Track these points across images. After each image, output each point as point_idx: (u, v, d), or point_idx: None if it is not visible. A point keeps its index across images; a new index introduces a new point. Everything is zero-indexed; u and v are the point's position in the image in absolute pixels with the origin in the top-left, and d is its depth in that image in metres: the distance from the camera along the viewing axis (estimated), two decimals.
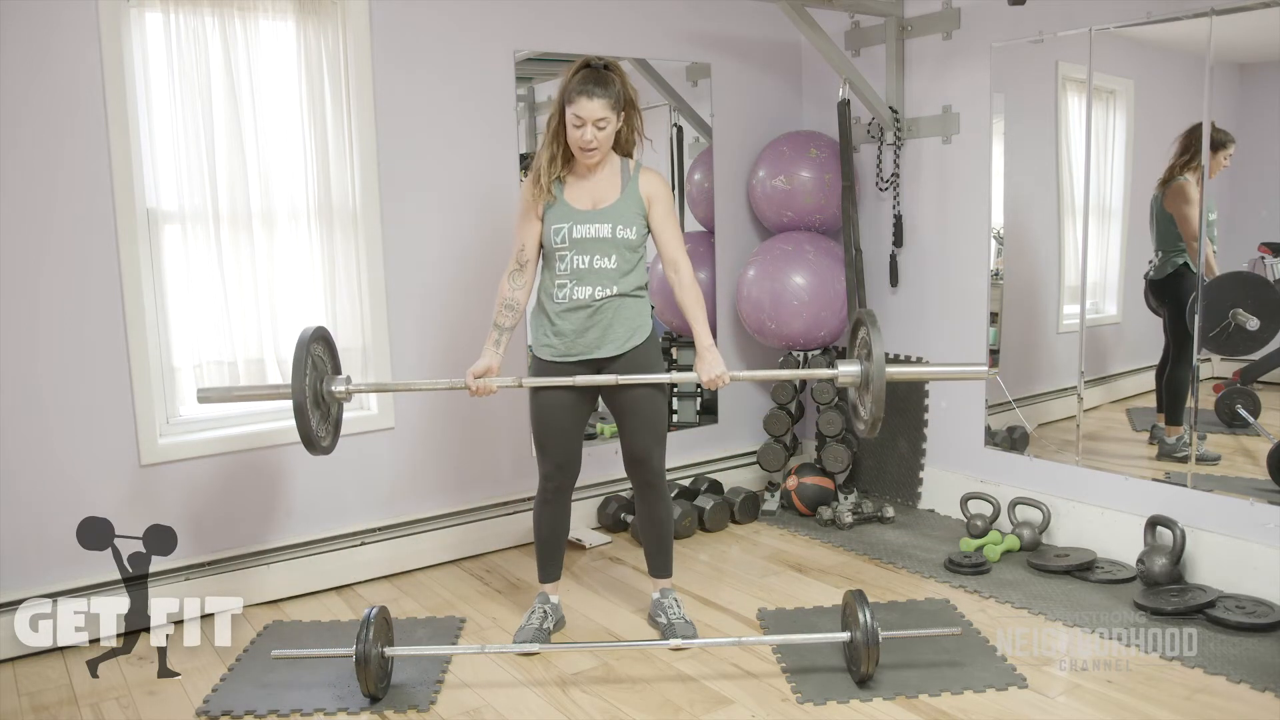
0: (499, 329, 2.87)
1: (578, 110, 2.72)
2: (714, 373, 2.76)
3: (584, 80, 2.73)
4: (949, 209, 3.97)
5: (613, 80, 2.76)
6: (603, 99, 2.72)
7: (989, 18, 3.73)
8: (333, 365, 2.78)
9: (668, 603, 3.06)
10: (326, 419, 2.73)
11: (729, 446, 4.47)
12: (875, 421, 2.68)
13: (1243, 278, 3.28)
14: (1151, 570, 3.20)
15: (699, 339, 2.83)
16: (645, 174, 2.88)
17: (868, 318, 2.68)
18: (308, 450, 2.64)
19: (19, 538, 3.01)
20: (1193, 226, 3.33)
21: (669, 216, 2.88)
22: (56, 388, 3.05)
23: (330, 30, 3.38)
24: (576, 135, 2.75)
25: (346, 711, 2.62)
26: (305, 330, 2.65)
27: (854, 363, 2.74)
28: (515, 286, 2.88)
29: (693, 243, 4.47)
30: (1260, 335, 3.24)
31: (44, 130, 2.97)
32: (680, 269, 2.87)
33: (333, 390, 2.71)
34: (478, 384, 2.78)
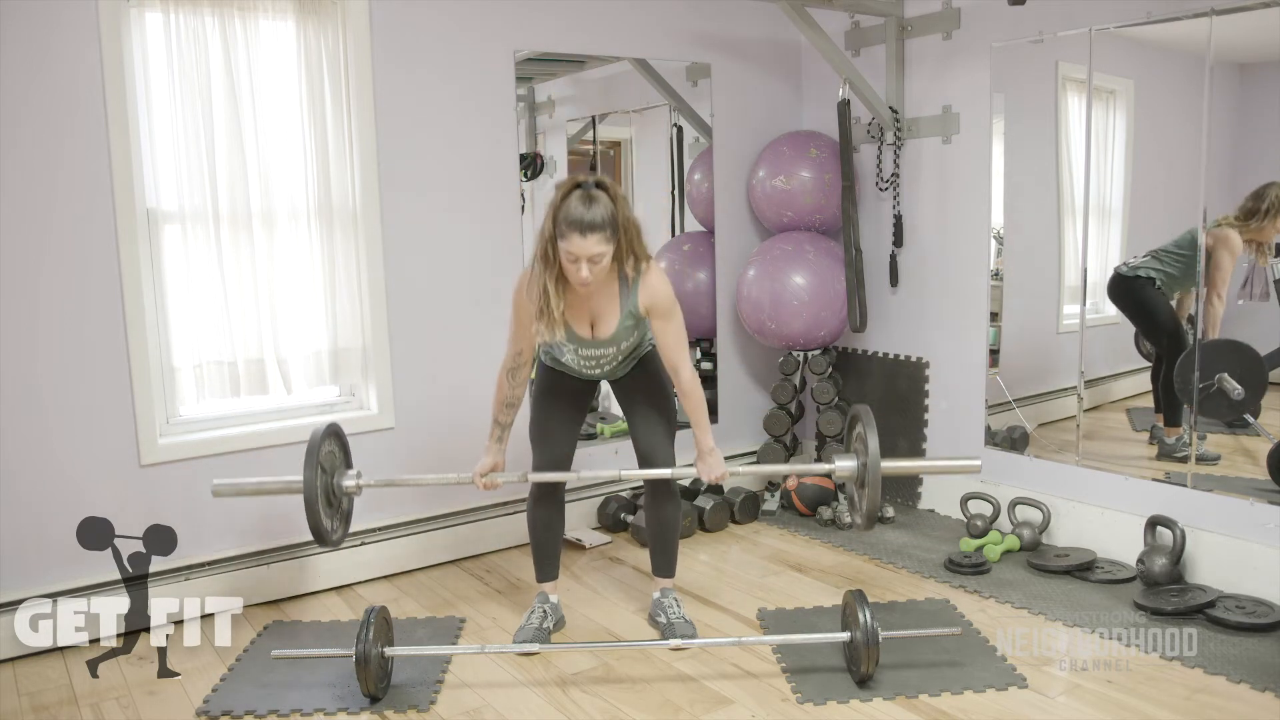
0: (500, 425, 2.92)
1: (570, 247, 2.58)
2: (715, 473, 2.87)
3: (575, 209, 2.57)
4: (949, 209, 3.97)
5: (605, 203, 2.60)
6: (597, 234, 2.57)
7: (989, 18, 3.73)
8: (344, 460, 2.87)
9: (668, 602, 3.06)
10: (337, 513, 2.82)
11: (729, 446, 4.46)
12: (872, 515, 2.78)
13: (1236, 346, 3.30)
14: (1151, 570, 3.20)
15: (700, 442, 2.89)
16: (643, 288, 2.74)
17: (864, 414, 2.78)
18: (318, 543, 2.72)
19: (19, 538, 3.01)
20: (1223, 275, 3.28)
21: (668, 322, 2.79)
22: (56, 388, 3.04)
23: (330, 30, 3.38)
24: (572, 271, 2.62)
25: (346, 711, 2.62)
26: (317, 429, 2.74)
27: (850, 458, 2.86)
28: (515, 384, 2.90)
29: (693, 243, 4.48)
30: (1241, 405, 3.26)
31: (44, 130, 2.96)
32: (680, 373, 2.84)
33: (344, 486, 2.81)
34: (484, 481, 2.87)
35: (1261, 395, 3.26)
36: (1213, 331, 3.32)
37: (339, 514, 2.83)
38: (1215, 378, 3.26)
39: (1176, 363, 3.40)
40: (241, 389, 3.36)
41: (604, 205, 2.60)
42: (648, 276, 2.74)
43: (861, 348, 4.36)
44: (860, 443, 2.80)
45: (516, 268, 3.81)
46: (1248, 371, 3.26)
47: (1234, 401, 3.25)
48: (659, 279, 2.77)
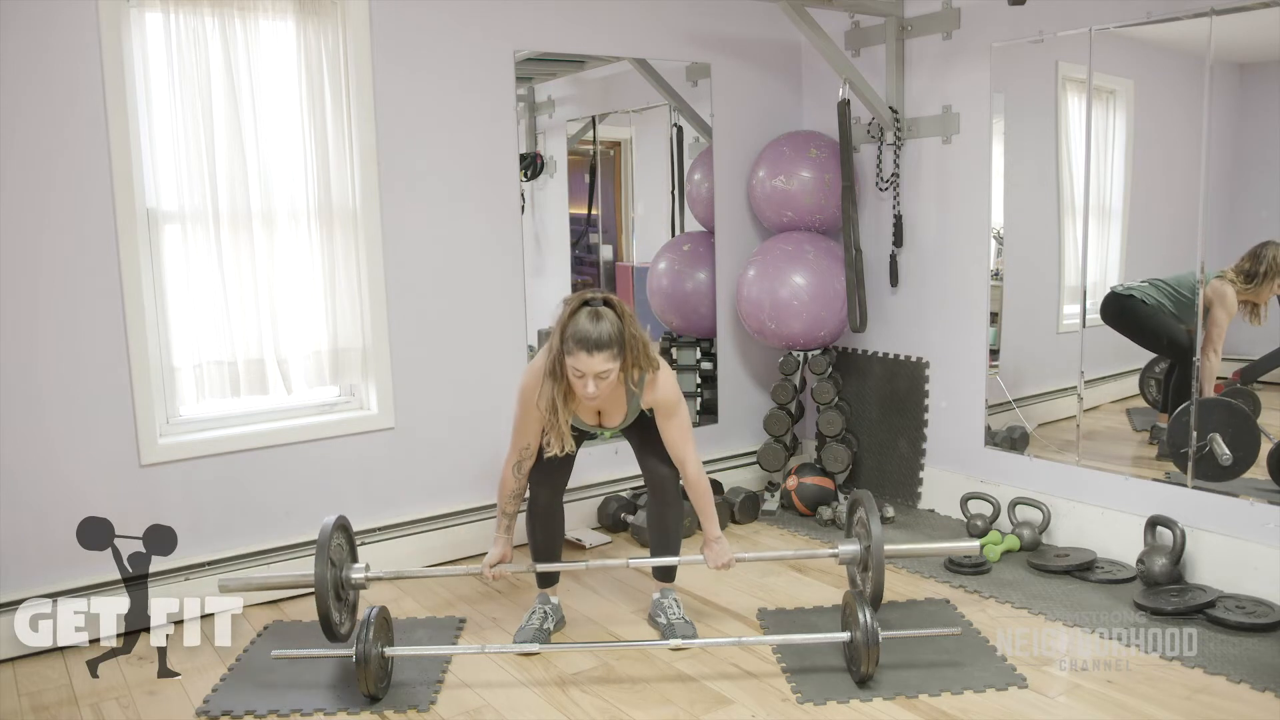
0: (508, 517, 2.98)
1: (578, 364, 2.63)
2: (721, 560, 2.97)
3: (583, 328, 2.62)
4: (949, 209, 3.97)
5: (611, 321, 2.65)
6: (604, 352, 2.62)
7: (989, 18, 3.73)
8: (351, 553, 2.94)
9: (668, 603, 3.06)
10: (344, 605, 2.88)
11: (729, 446, 4.47)
12: (877, 597, 2.92)
13: (1230, 408, 3.30)
14: (1151, 570, 3.20)
15: (708, 531, 3.00)
16: (649, 392, 2.82)
17: (865, 499, 2.95)
18: (326, 637, 2.77)
19: (19, 538, 3.01)
20: (1220, 331, 3.28)
21: (672, 422, 2.86)
22: (56, 388, 3.04)
23: (330, 30, 3.38)
24: (579, 386, 2.68)
25: (346, 711, 2.62)
26: (326, 522, 2.80)
27: (853, 542, 3.03)
28: (520, 477, 2.95)
29: (693, 243, 4.48)
30: (1230, 470, 3.25)
31: (44, 130, 2.96)
32: (687, 465, 2.92)
33: (351, 579, 2.89)
34: (493, 572, 2.94)
35: (1253, 458, 3.24)
36: (1207, 386, 3.32)
37: (346, 606, 2.90)
38: (1207, 438, 3.26)
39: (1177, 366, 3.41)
40: (241, 389, 3.36)
41: (610, 322, 2.64)
42: (653, 383, 2.82)
43: (861, 348, 4.36)
44: (862, 527, 2.95)
45: (517, 267, 3.82)
46: (1239, 433, 3.25)
47: (1222, 467, 3.25)
48: (665, 383, 2.83)
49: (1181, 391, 3.41)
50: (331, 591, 2.75)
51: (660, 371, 2.82)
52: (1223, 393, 3.39)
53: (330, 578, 2.75)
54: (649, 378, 2.80)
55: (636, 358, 2.73)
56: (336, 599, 2.80)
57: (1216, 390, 3.40)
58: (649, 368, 2.78)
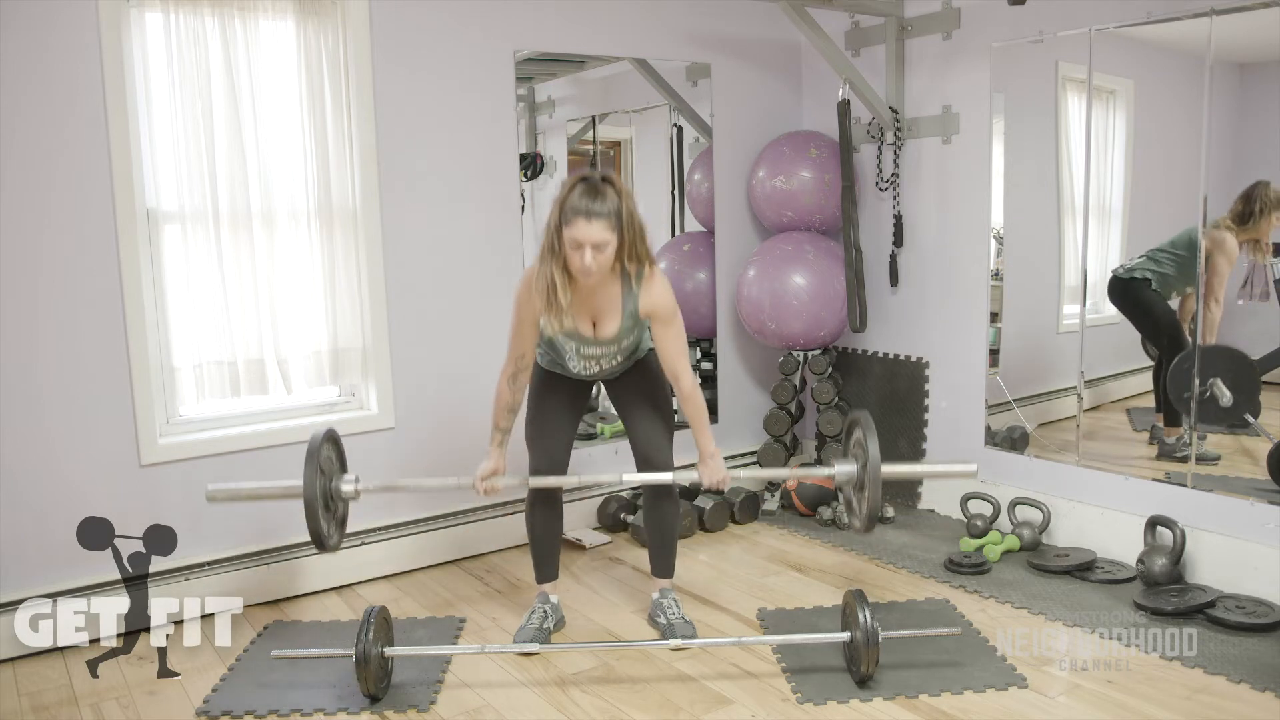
0: (500, 431, 2.92)
1: (575, 234, 2.60)
2: (716, 477, 2.87)
3: (581, 199, 2.61)
4: (949, 209, 3.97)
5: (610, 194, 2.63)
6: (602, 219, 2.60)
7: (989, 18, 3.73)
8: (340, 465, 2.86)
9: (667, 603, 3.06)
10: (334, 518, 2.81)
11: (729, 446, 4.46)
12: (871, 519, 2.79)
13: (1229, 353, 3.30)
14: (1151, 570, 3.20)
15: (702, 447, 2.91)
16: (645, 291, 2.77)
17: (863, 419, 2.80)
18: (317, 549, 2.71)
19: (19, 538, 3.01)
20: (1221, 279, 3.29)
21: (668, 328, 2.81)
22: (56, 388, 3.04)
23: (330, 30, 3.38)
24: (575, 258, 2.63)
25: (346, 711, 2.62)
26: (315, 434, 2.72)
27: (849, 462, 2.87)
28: (515, 389, 2.90)
29: (693, 243, 4.48)
30: (1231, 411, 3.27)
31: (44, 130, 2.96)
32: (681, 379, 2.86)
33: (341, 490, 2.80)
34: (485, 485, 2.87)
35: (1253, 401, 3.26)
36: (1210, 336, 3.33)
37: (336, 519, 2.82)
38: (1208, 382, 3.27)
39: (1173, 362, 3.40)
40: (241, 389, 3.36)
41: (610, 197, 2.64)
42: (650, 281, 2.76)
43: (861, 348, 4.36)
44: (859, 448, 2.82)
45: (516, 267, 3.81)
46: (1239, 377, 3.27)
47: (1223, 409, 3.25)
48: (661, 284, 2.79)
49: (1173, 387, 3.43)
50: (320, 501, 2.67)
51: (656, 273, 2.79)
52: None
53: (320, 488, 2.67)
54: (646, 273, 2.76)
55: (634, 241, 2.69)
56: (325, 509, 2.71)
57: None
58: (645, 259, 2.74)
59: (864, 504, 2.78)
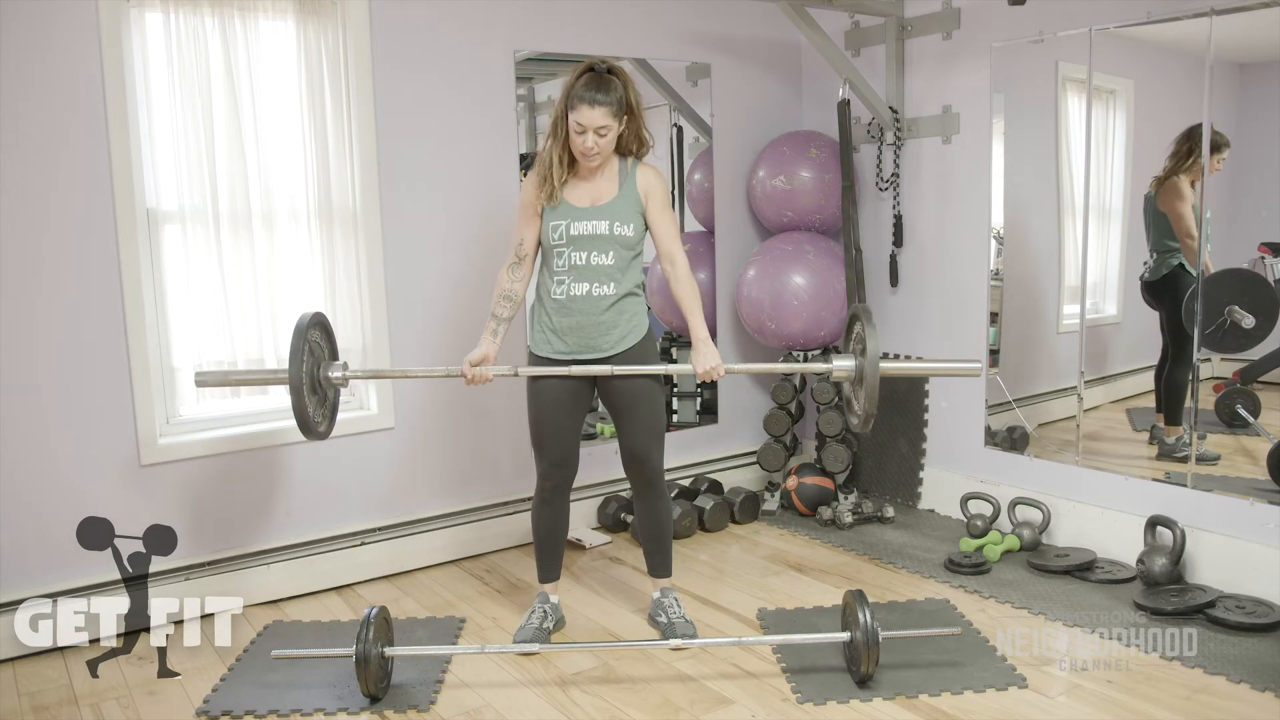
0: (496, 319, 2.89)
1: (579, 118, 2.71)
2: (709, 364, 2.83)
3: (586, 85, 2.72)
4: (949, 209, 3.97)
5: (615, 85, 2.75)
6: (605, 106, 2.71)
7: (989, 18, 3.73)
8: (330, 351, 2.81)
9: (668, 602, 3.06)
10: (323, 404, 2.76)
11: (729, 446, 4.47)
12: (868, 417, 2.72)
13: (1240, 275, 3.28)
14: (1151, 570, 3.20)
15: (694, 331, 2.87)
16: (642, 170, 2.89)
17: (863, 313, 2.72)
18: (304, 434, 2.66)
19: (19, 538, 3.01)
20: (1187, 224, 3.35)
21: (665, 210, 2.90)
22: (56, 388, 3.05)
23: (330, 30, 3.38)
24: (578, 141, 2.75)
25: (346, 711, 2.62)
26: (303, 315, 2.68)
27: (848, 357, 2.80)
28: (514, 278, 2.90)
29: (693, 243, 4.47)
30: (1255, 333, 3.24)
31: (44, 130, 2.97)
32: (676, 262, 2.90)
33: (330, 376, 2.74)
34: (474, 372, 2.81)
35: (1273, 322, 3.22)
36: (1208, 268, 3.33)
37: (325, 405, 2.77)
38: (1225, 311, 3.24)
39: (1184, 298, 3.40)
40: (241, 389, 3.36)
41: (614, 87, 2.74)
42: (644, 166, 2.90)
43: None
44: (859, 343, 2.76)
45: None
46: (1256, 299, 3.23)
47: (1248, 331, 3.22)
48: (655, 169, 2.92)
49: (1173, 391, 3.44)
50: (308, 386, 2.64)
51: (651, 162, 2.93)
52: (1222, 393, 3.40)
53: (307, 370, 2.64)
54: (642, 159, 2.90)
55: (636, 130, 2.84)
56: (313, 394, 2.68)
57: (1216, 390, 3.40)
58: (646, 143, 2.89)
59: (862, 401, 2.72)
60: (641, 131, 2.87)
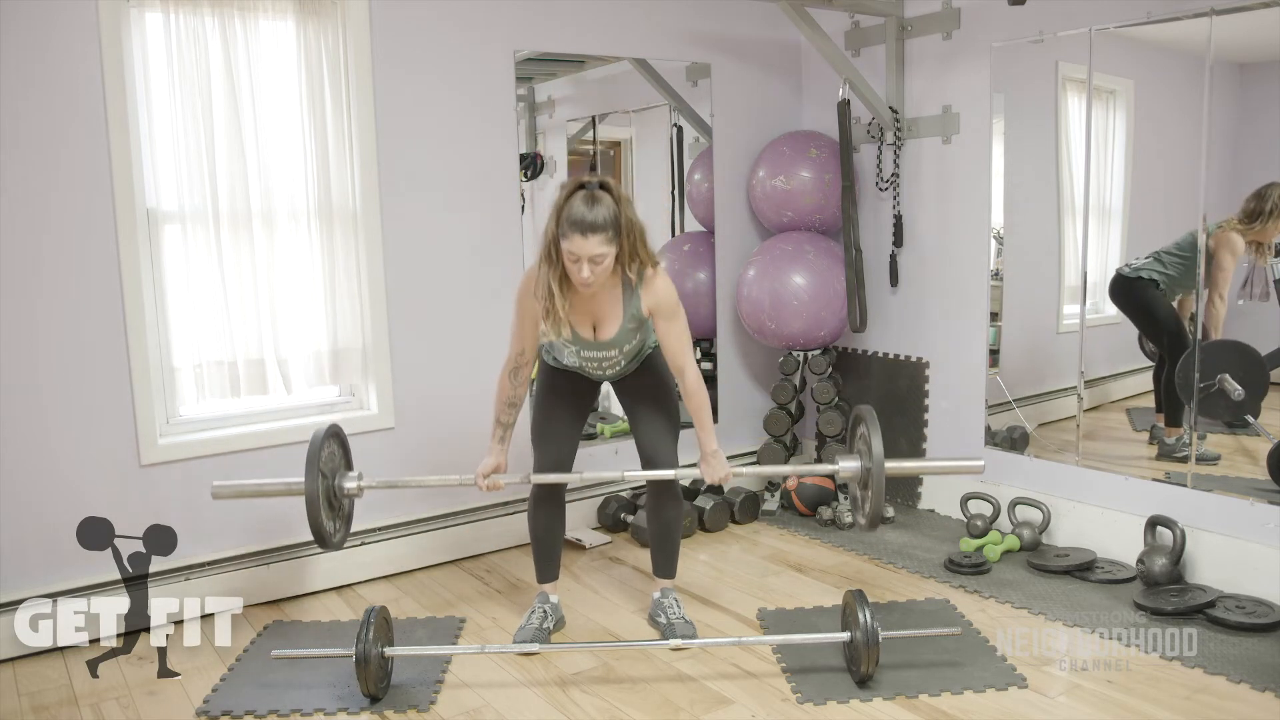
0: (502, 426, 2.92)
1: (572, 246, 2.58)
2: (719, 474, 2.87)
3: (578, 210, 2.57)
4: (949, 209, 3.97)
5: (608, 204, 2.60)
6: (599, 234, 2.57)
7: (989, 18, 3.73)
8: (345, 461, 2.86)
9: (668, 603, 3.06)
10: (338, 515, 2.81)
11: (729, 446, 4.44)
12: (877, 517, 2.78)
13: (1239, 348, 3.30)
14: (1151, 570, 3.20)
15: (704, 445, 2.90)
16: (646, 290, 2.75)
17: (867, 414, 2.79)
18: (319, 546, 2.72)
19: (19, 538, 3.01)
20: (1224, 275, 3.29)
21: (672, 327, 2.80)
22: (56, 388, 3.04)
23: (330, 30, 3.38)
24: (573, 270, 2.62)
25: (346, 711, 2.62)
26: (319, 429, 2.74)
27: (854, 459, 2.86)
28: (516, 383, 2.89)
29: (693, 243, 4.48)
30: (1241, 406, 3.26)
31: (44, 130, 2.96)
32: (685, 375, 2.85)
33: (345, 487, 2.80)
34: (486, 482, 2.86)
35: (1262, 396, 3.26)
36: (1215, 332, 3.33)
37: (340, 516, 2.82)
38: (1216, 378, 3.27)
39: (1179, 362, 3.40)
40: (241, 389, 3.36)
41: (607, 206, 2.60)
42: (652, 281, 2.74)
43: (861, 348, 4.36)
44: (864, 443, 2.80)
45: (516, 267, 3.81)
46: (1249, 372, 3.26)
47: (1234, 402, 3.25)
48: (663, 282, 2.77)
49: (1173, 391, 3.42)
50: (323, 499, 2.66)
51: (658, 273, 2.76)
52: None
53: (323, 486, 2.66)
54: (648, 274, 2.73)
55: (634, 247, 2.66)
56: (329, 507, 2.71)
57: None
58: (647, 261, 2.71)
59: (868, 501, 2.76)
60: (639, 249, 2.68)
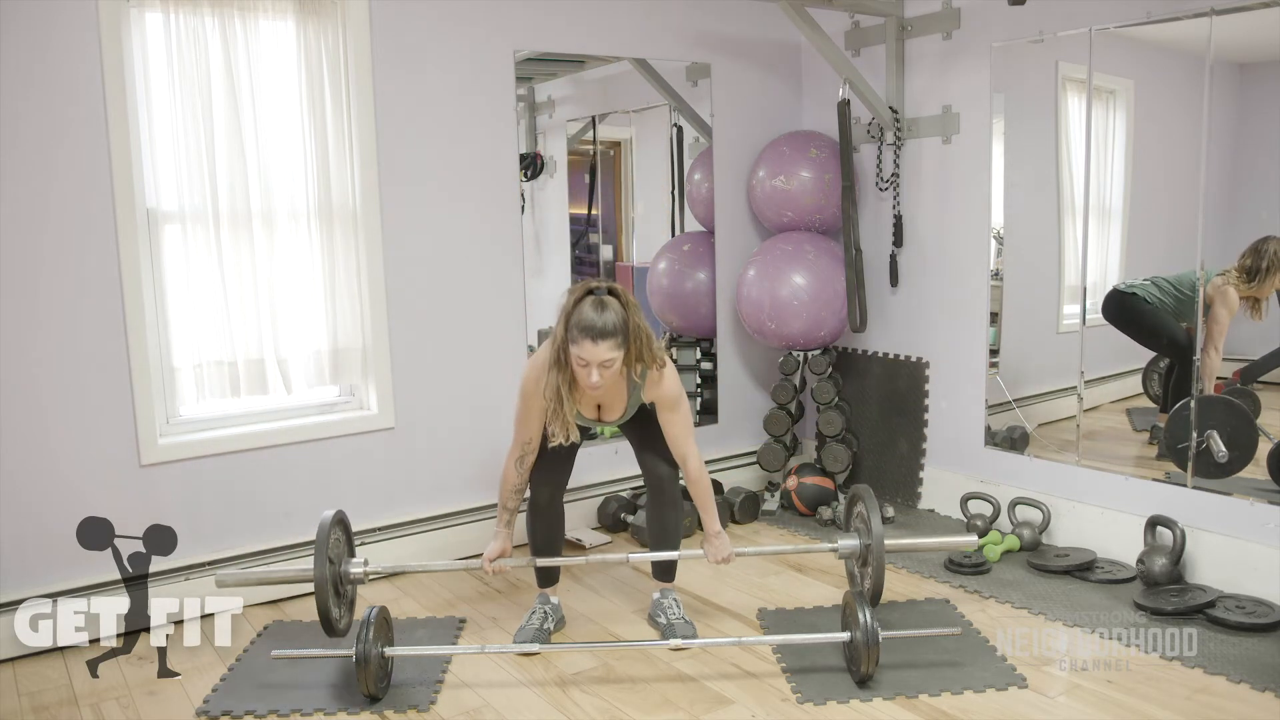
0: (508, 512, 2.97)
1: (581, 352, 2.63)
2: (721, 555, 2.97)
3: (588, 316, 2.61)
4: (949, 209, 3.97)
5: (616, 310, 2.65)
6: (608, 340, 2.62)
7: (989, 18, 3.73)
8: (349, 549, 2.93)
9: (668, 603, 3.06)
10: (342, 601, 2.87)
11: (729, 446, 4.47)
12: (877, 593, 2.90)
13: (1229, 406, 3.29)
14: (1151, 570, 3.20)
15: (708, 527, 3.00)
16: (651, 383, 2.83)
17: (864, 494, 2.92)
18: (326, 633, 2.76)
19: (19, 538, 3.01)
20: (1219, 328, 3.29)
21: (674, 417, 2.87)
22: (56, 388, 3.04)
23: (330, 30, 3.38)
24: (582, 375, 2.68)
25: (346, 711, 2.62)
26: (325, 515, 2.79)
27: (852, 537, 3.00)
28: (522, 472, 2.94)
29: (693, 243, 4.48)
30: (1226, 467, 3.25)
31: (44, 130, 2.96)
32: (688, 463, 2.92)
33: (350, 573, 2.87)
34: (493, 566, 2.93)
35: (1250, 457, 3.24)
36: (1208, 384, 3.32)
37: (345, 602, 2.89)
38: (1205, 435, 3.27)
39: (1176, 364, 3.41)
40: (241, 389, 3.36)
41: (615, 312, 2.65)
42: (656, 380, 2.82)
43: (861, 348, 4.36)
44: (861, 521, 2.92)
45: (517, 267, 3.82)
46: (1237, 432, 3.25)
47: (1218, 464, 3.25)
48: (668, 379, 2.84)
49: (1181, 390, 3.41)
50: (330, 588, 2.75)
51: (665, 371, 2.82)
52: (1223, 392, 3.39)
53: (329, 574, 2.74)
54: (652, 374, 2.81)
55: (640, 350, 2.72)
56: (335, 595, 2.79)
57: (1216, 390, 3.40)
58: (652, 363, 2.78)
59: (870, 579, 2.90)
60: (645, 351, 2.73)
